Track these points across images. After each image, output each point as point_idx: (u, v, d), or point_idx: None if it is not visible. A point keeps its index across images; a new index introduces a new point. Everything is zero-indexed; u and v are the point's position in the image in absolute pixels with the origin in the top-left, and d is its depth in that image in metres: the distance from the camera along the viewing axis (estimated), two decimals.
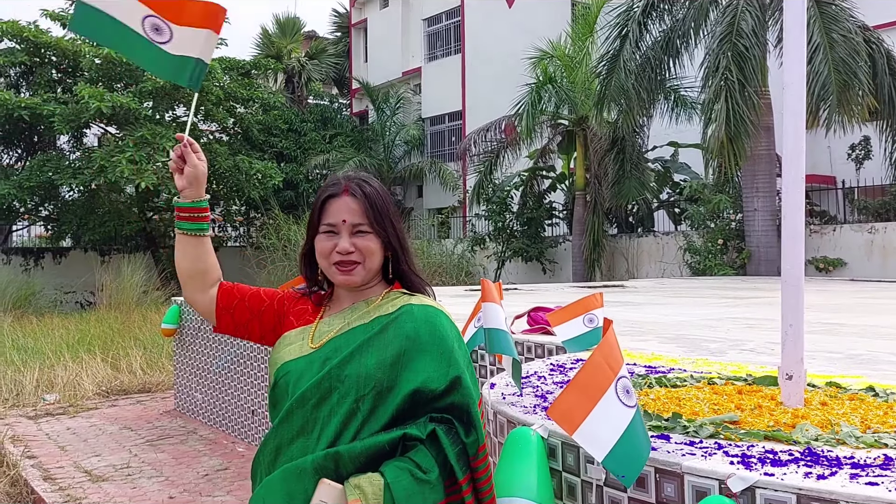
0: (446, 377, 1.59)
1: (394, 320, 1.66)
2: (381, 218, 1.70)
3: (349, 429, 1.56)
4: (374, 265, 1.71)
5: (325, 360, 1.64)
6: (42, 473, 5.43)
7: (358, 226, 1.68)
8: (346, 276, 1.69)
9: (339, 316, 1.73)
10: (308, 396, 1.60)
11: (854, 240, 13.85)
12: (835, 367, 2.78)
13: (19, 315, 14.79)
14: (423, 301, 1.73)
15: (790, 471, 1.46)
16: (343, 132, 25.46)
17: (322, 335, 1.70)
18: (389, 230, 1.71)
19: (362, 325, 1.68)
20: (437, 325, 1.68)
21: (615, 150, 15.88)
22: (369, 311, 1.70)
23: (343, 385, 1.59)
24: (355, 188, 1.71)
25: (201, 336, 7.14)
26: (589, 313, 3.32)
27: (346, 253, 1.67)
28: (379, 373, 1.58)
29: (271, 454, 1.63)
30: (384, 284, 1.78)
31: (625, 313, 5.61)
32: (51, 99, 18.50)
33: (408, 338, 1.63)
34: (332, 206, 1.70)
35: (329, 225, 1.70)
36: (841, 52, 11.67)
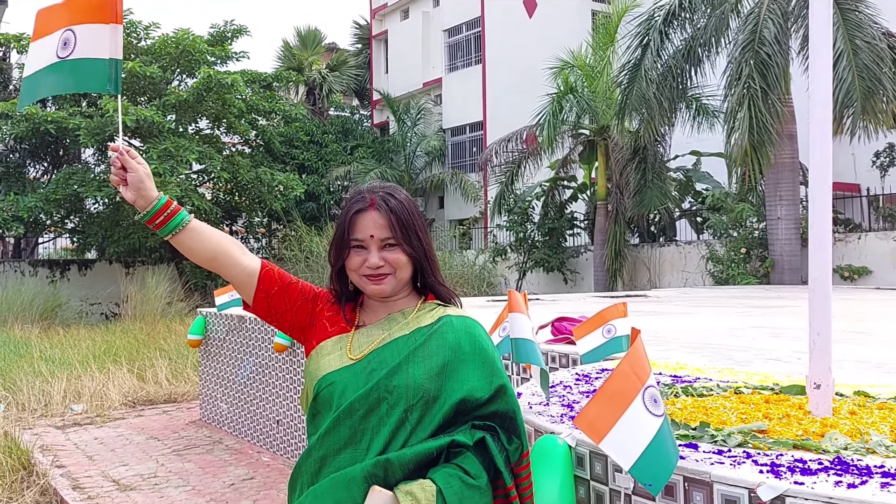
0: (490, 386, 1.63)
1: (435, 332, 1.69)
2: (407, 231, 1.72)
3: (398, 438, 1.59)
4: (404, 276, 1.73)
5: (371, 371, 1.66)
6: (71, 483, 5.50)
7: (386, 240, 1.70)
8: (378, 286, 1.71)
9: (377, 327, 1.75)
10: (356, 407, 1.62)
11: (879, 247, 13.69)
12: (863, 375, 2.76)
13: (46, 326, 15.00)
14: (459, 312, 1.77)
15: (820, 479, 1.46)
16: (364, 143, 25.61)
17: (361, 346, 1.72)
18: (415, 243, 1.72)
19: (403, 336, 1.70)
20: (477, 335, 1.72)
21: (637, 159, 15.84)
22: (408, 323, 1.73)
23: (392, 396, 1.61)
24: (381, 203, 1.72)
25: (226, 347, 7.21)
26: (608, 324, 3.32)
27: (375, 267, 1.69)
28: (427, 383, 1.62)
29: (315, 464, 1.65)
30: (416, 295, 1.80)
31: (648, 323, 5.59)
32: (76, 112, 18.81)
33: (451, 348, 1.66)
34: (360, 222, 1.72)
35: (357, 241, 1.71)
36: (865, 59, 11.58)
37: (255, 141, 22.87)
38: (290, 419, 6.04)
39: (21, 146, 20.44)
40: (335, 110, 28.33)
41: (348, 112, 28.35)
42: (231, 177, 19.56)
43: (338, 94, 28.24)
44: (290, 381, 6.09)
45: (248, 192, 20.89)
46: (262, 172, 20.00)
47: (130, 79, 18.67)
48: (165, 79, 19.71)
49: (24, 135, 18.42)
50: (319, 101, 27.49)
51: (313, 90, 27.66)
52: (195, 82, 18.92)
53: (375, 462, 1.56)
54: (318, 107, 27.30)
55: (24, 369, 9.33)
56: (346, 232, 1.73)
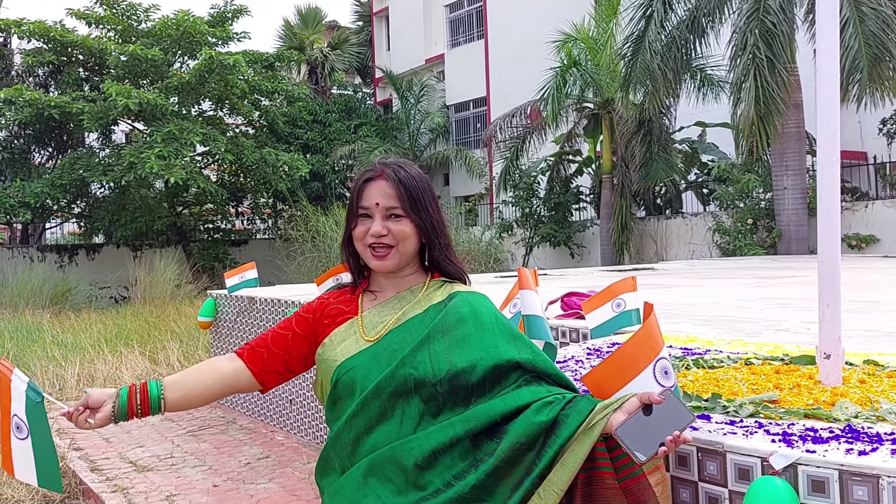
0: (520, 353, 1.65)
1: (451, 307, 1.70)
2: (416, 203, 1.71)
3: (430, 410, 1.61)
4: (407, 249, 1.73)
5: (392, 351, 1.66)
6: (89, 465, 5.58)
7: (391, 209, 1.70)
8: (380, 261, 1.71)
9: (387, 307, 1.75)
10: (383, 387, 1.62)
11: (887, 215, 13.65)
12: (872, 345, 2.78)
13: (57, 311, 15.11)
14: (468, 288, 1.78)
15: (831, 447, 1.48)
16: (368, 122, 25.53)
17: (376, 326, 1.72)
18: (423, 216, 1.72)
19: (418, 315, 1.71)
20: (490, 307, 1.74)
21: (642, 132, 15.77)
22: (419, 301, 1.74)
23: (418, 371, 1.62)
24: (391, 173, 1.72)
25: (237, 328, 7.27)
26: (617, 298, 3.34)
27: (378, 236, 1.69)
28: (450, 356, 1.62)
29: (347, 447, 1.64)
30: (423, 273, 1.80)
31: (656, 296, 5.61)
32: (79, 97, 18.81)
33: (468, 321, 1.68)
34: (368, 190, 1.72)
35: (364, 208, 1.72)
36: (871, 26, 11.47)
37: (258, 122, 22.84)
38: (302, 398, 6.11)
39: (25, 132, 20.47)
40: (338, 89, 28.22)
41: (351, 90, 28.23)
42: (235, 158, 19.56)
43: (340, 73, 28.11)
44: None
45: (252, 173, 20.90)
46: (267, 153, 19.99)
47: (132, 62, 18.64)
48: (167, 61, 19.65)
49: (27, 120, 18.44)
50: (322, 79, 27.37)
51: (315, 69, 27.54)
52: (197, 64, 18.86)
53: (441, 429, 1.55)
54: (321, 86, 27.20)
55: (38, 354, 9.43)
56: (354, 201, 1.74)
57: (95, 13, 20.17)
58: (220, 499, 4.76)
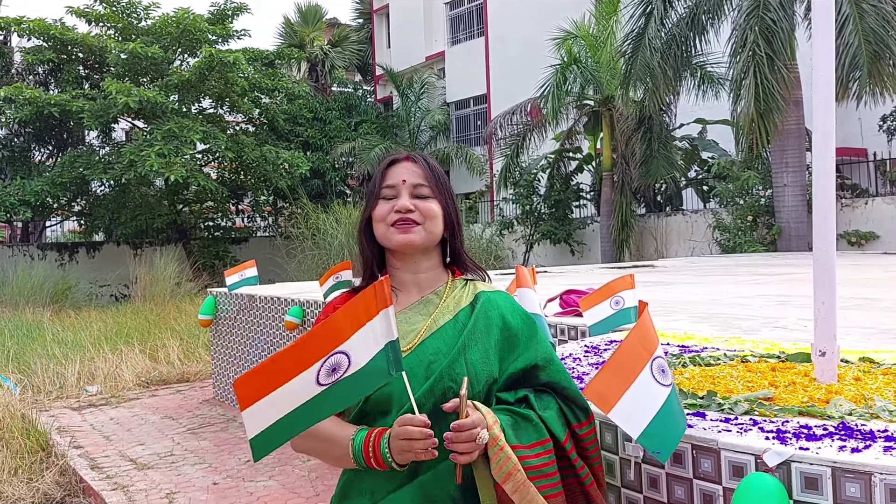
0: (537, 354, 1.64)
1: (479, 311, 1.65)
2: (443, 185, 1.66)
3: None
4: (435, 230, 1.64)
5: (430, 363, 1.58)
6: (89, 462, 5.60)
7: (419, 186, 1.63)
8: (405, 235, 1.60)
9: (414, 311, 1.66)
10: (422, 402, 1.52)
11: (886, 212, 13.66)
12: (868, 342, 2.78)
13: (57, 309, 15.13)
14: (490, 287, 1.73)
15: (825, 445, 1.49)
16: (368, 119, 25.53)
17: (407, 335, 1.61)
18: (449, 201, 1.67)
19: (450, 322, 1.64)
20: (517, 309, 1.70)
21: (642, 129, 15.77)
22: (448, 305, 1.66)
23: (456, 384, 1.54)
24: (416, 156, 1.68)
25: (238, 326, 7.28)
26: (616, 296, 3.35)
27: (405, 210, 1.60)
28: (486, 366, 1.59)
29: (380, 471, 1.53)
30: (444, 272, 1.73)
31: (655, 293, 5.62)
32: (79, 95, 18.83)
33: (498, 326, 1.64)
34: (393, 170, 1.65)
35: (389, 187, 1.63)
36: (871, 23, 11.46)
37: (258, 119, 22.84)
38: None
39: (25, 130, 20.49)
40: (338, 86, 28.22)
41: (351, 88, 28.23)
42: (236, 156, 19.57)
43: (340, 70, 28.11)
44: None
45: (253, 170, 20.91)
46: (267, 151, 20.00)
47: (132, 60, 18.65)
48: (167, 59, 19.66)
49: (27, 119, 18.45)
50: (322, 77, 27.36)
51: (315, 67, 27.53)
52: (197, 62, 18.86)
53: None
54: (321, 83, 27.19)
55: (38, 352, 9.44)
56: (377, 182, 1.65)
57: (95, 11, 20.18)
58: (220, 496, 4.77)
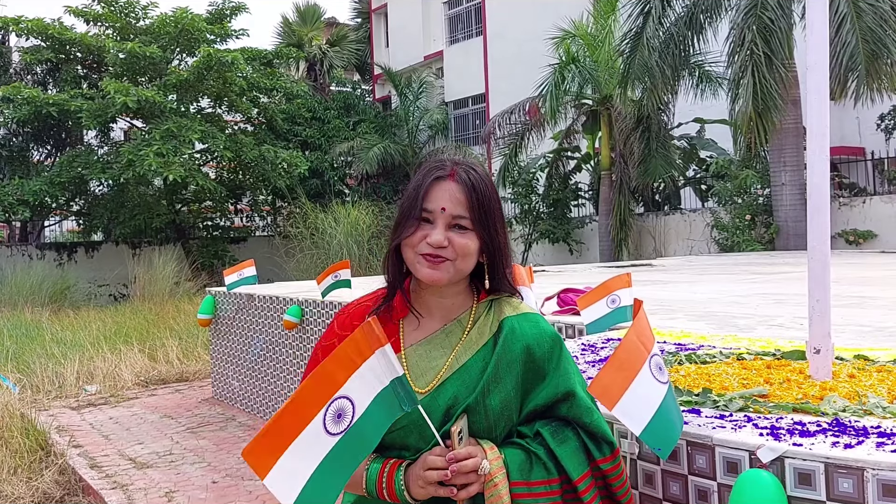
0: (557, 389, 1.52)
1: (501, 348, 1.52)
2: (486, 215, 1.50)
3: None
4: (466, 267, 1.51)
5: (448, 408, 1.48)
6: (88, 462, 5.61)
7: (458, 218, 1.48)
8: (433, 271, 1.47)
9: (434, 344, 1.55)
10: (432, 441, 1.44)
11: (884, 211, 13.68)
12: (864, 340, 2.80)
13: (56, 309, 15.14)
14: (516, 310, 1.59)
15: (818, 441, 1.51)
16: (367, 118, 25.51)
17: (425, 372, 1.51)
18: (492, 232, 1.51)
19: (471, 358, 1.52)
20: (543, 335, 1.56)
21: (640, 128, 15.78)
22: (471, 338, 1.54)
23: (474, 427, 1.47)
24: (463, 174, 1.50)
25: (236, 325, 7.29)
26: (612, 294, 3.37)
27: (437, 246, 1.46)
28: (506, 411, 1.50)
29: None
30: (470, 294, 1.59)
31: (653, 292, 5.64)
32: (77, 95, 18.82)
33: (520, 362, 1.52)
34: (434, 192, 1.49)
35: (427, 212, 1.48)
36: (868, 21, 11.47)
37: (257, 119, 22.84)
38: None
39: (24, 130, 20.46)
40: (336, 86, 28.20)
41: (350, 87, 28.21)
42: (234, 155, 19.56)
43: (339, 70, 28.09)
44: (301, 357, 6.17)
45: (251, 170, 20.91)
46: (266, 150, 19.99)
47: (130, 59, 18.64)
48: (165, 58, 19.65)
49: (26, 118, 18.43)
50: (320, 76, 27.35)
51: (314, 66, 27.52)
52: (195, 61, 18.86)
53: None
54: (320, 83, 27.18)
55: (37, 352, 9.46)
56: (416, 200, 1.49)
57: (94, 11, 20.17)
58: (219, 495, 4.79)
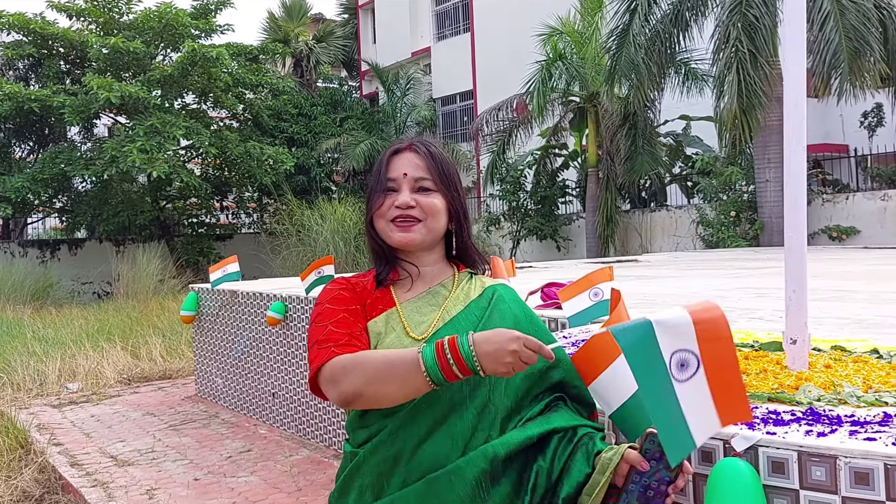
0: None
1: (491, 304, 1.58)
2: (447, 178, 1.59)
3: (483, 422, 1.47)
4: (436, 226, 1.58)
5: None
6: (69, 460, 5.55)
7: (421, 180, 1.57)
8: (404, 233, 1.55)
9: (423, 302, 1.59)
10: (440, 393, 1.44)
11: (867, 207, 13.78)
12: (842, 331, 2.81)
13: (38, 307, 15.01)
14: (495, 281, 1.68)
15: (792, 430, 1.50)
16: (354, 115, 25.45)
17: (419, 324, 1.55)
18: (454, 193, 1.59)
19: (462, 311, 1.57)
20: (523, 306, 1.65)
21: (627, 125, 15.83)
22: (457, 296, 1.60)
23: (471, 378, 1.44)
24: (419, 146, 1.62)
25: (220, 322, 7.24)
26: (595, 287, 3.36)
27: (405, 207, 1.54)
28: None
29: (386, 463, 1.46)
30: (449, 265, 1.67)
31: (638, 287, 5.65)
32: (60, 90, 18.64)
33: (510, 320, 1.56)
34: (394, 162, 1.59)
35: (390, 180, 1.57)
36: (851, 19, 11.55)
37: (242, 115, 22.73)
38: (285, 392, 6.10)
39: (5, 126, 20.27)
40: (323, 82, 28.12)
41: (336, 83, 28.13)
42: (220, 152, 19.45)
43: (325, 66, 28.01)
44: (284, 353, 6.14)
45: (237, 166, 20.80)
46: (251, 147, 19.89)
47: (114, 55, 18.50)
48: (149, 54, 19.51)
49: (7, 114, 18.25)
50: (307, 72, 27.26)
51: (300, 62, 27.43)
52: (180, 56, 18.73)
53: (483, 456, 1.41)
54: (306, 79, 27.09)
55: (18, 349, 9.36)
56: (379, 175, 1.59)
57: (76, 5, 20.00)
58: (201, 492, 4.75)
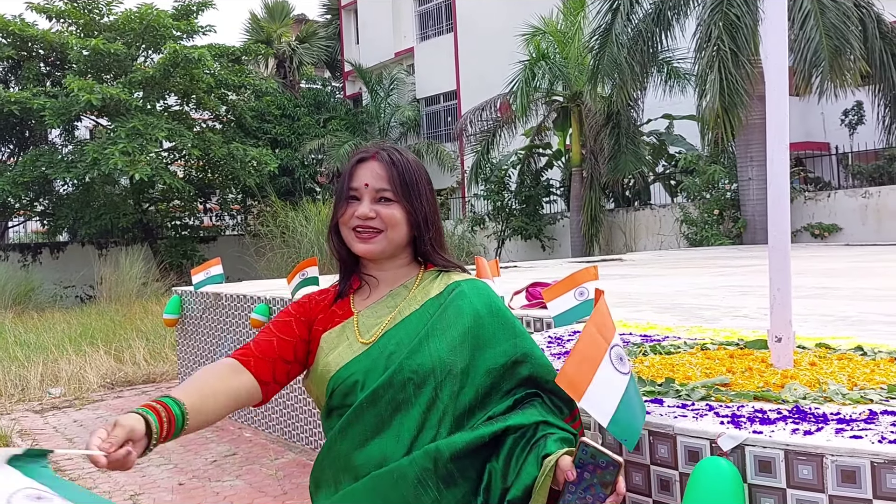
0: (516, 349, 1.54)
1: (448, 301, 1.59)
2: (408, 188, 1.59)
3: (431, 419, 1.48)
4: (397, 236, 1.60)
5: (390, 354, 1.54)
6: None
7: (381, 191, 1.58)
8: (365, 245, 1.58)
9: (381, 305, 1.63)
10: (380, 394, 1.49)
11: (848, 205, 13.91)
12: (826, 329, 2.82)
13: (20, 311, 14.85)
14: (465, 276, 1.66)
15: (778, 428, 1.50)
16: (337, 116, 25.38)
17: (371, 328, 1.59)
18: (416, 203, 1.59)
19: (415, 311, 1.59)
20: (492, 298, 1.62)
21: (610, 124, 15.88)
22: (415, 297, 1.62)
23: (417, 376, 1.49)
24: (384, 155, 1.61)
25: (203, 325, 7.19)
26: (580, 287, 3.36)
27: (364, 218, 1.57)
28: (451, 356, 1.51)
29: (340, 460, 1.52)
30: (416, 265, 1.68)
31: (622, 286, 5.66)
32: (40, 93, 18.46)
33: (469, 315, 1.56)
34: (358, 171, 1.61)
35: (353, 189, 1.59)
36: (832, 18, 11.65)
37: (225, 116, 22.61)
38: None
39: None
40: (306, 83, 28.01)
41: (320, 84, 28.05)
42: (203, 153, 19.33)
43: (308, 67, 27.92)
44: None
45: (220, 168, 20.69)
46: (235, 148, 19.78)
47: (94, 56, 18.34)
48: (130, 55, 19.36)
49: None
50: (290, 73, 27.15)
51: (283, 63, 27.31)
52: (161, 58, 18.61)
53: (426, 456, 1.43)
54: (289, 80, 26.98)
55: None
56: (344, 183, 1.62)
57: (56, 7, 19.81)
58: (186, 497, 4.71)
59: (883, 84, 13.37)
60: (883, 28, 12.95)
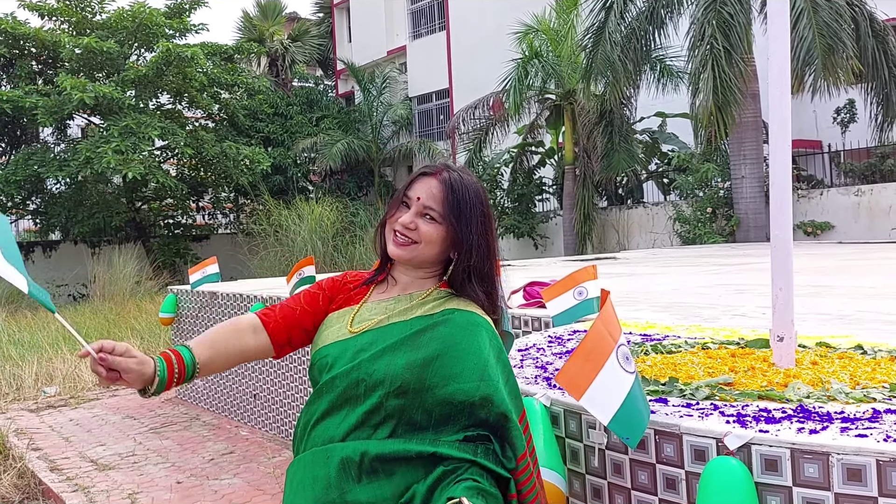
0: (477, 391, 1.54)
1: (432, 324, 1.63)
2: (458, 213, 1.65)
3: (371, 420, 1.56)
4: (429, 252, 1.68)
5: (359, 350, 1.63)
6: (48, 464, 5.48)
7: (428, 209, 1.66)
8: (398, 248, 1.68)
9: (383, 304, 1.72)
10: (337, 383, 1.61)
11: (841, 203, 13.98)
12: (825, 327, 2.85)
13: (13, 310, 14.75)
14: (468, 307, 1.67)
15: (784, 427, 1.52)
16: (330, 114, 25.33)
17: (363, 321, 1.70)
18: (463, 228, 1.65)
19: (401, 322, 1.66)
20: (475, 333, 1.62)
21: (603, 122, 15.90)
22: (410, 309, 1.68)
23: (370, 379, 1.57)
24: (447, 176, 1.68)
25: (199, 324, 7.18)
26: (579, 286, 3.38)
27: (405, 226, 1.66)
28: (407, 374, 1.56)
29: (302, 430, 1.66)
30: (435, 281, 1.73)
31: (618, 284, 5.68)
32: (32, 91, 18.34)
33: (443, 342, 1.60)
34: (418, 184, 1.69)
35: (407, 196, 1.70)
36: (825, 16, 11.71)
37: (218, 115, 22.53)
38: (266, 393, 6.07)
39: None
40: (299, 81, 27.94)
41: (312, 83, 27.97)
42: (195, 152, 19.27)
43: (301, 65, 27.84)
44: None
45: (213, 167, 20.62)
46: (227, 147, 19.72)
47: (87, 55, 18.25)
48: (123, 54, 19.27)
49: None
50: (282, 72, 27.09)
51: (276, 61, 27.25)
52: (154, 56, 18.53)
53: (354, 448, 1.53)
54: (282, 78, 26.92)
55: None
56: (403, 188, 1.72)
57: (48, 5, 19.70)
58: (184, 495, 4.71)
59: (875, 82, 13.44)
60: (875, 27, 13.02)
